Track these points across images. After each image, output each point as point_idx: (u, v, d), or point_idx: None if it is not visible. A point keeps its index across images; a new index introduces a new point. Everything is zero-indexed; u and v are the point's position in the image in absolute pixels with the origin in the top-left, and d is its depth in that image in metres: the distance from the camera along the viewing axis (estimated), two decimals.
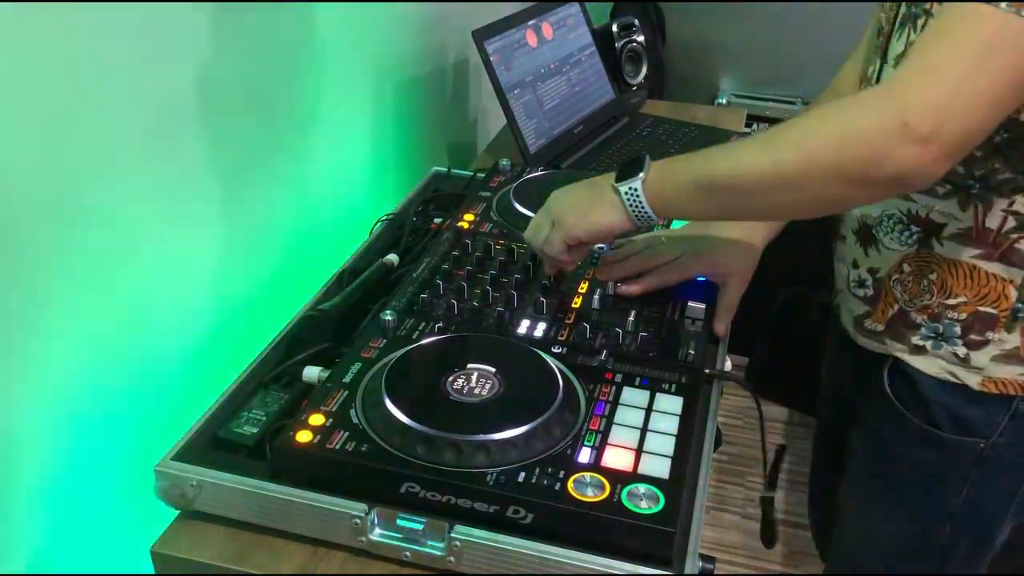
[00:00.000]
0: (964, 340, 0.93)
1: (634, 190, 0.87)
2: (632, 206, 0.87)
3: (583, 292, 1.01)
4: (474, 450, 0.76)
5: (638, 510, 0.72)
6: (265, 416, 0.86)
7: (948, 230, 0.91)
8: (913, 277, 0.95)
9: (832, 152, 0.75)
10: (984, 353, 0.93)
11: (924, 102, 0.71)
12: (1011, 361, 0.93)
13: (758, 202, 0.83)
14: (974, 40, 0.71)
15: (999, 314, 0.91)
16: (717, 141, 1.62)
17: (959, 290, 0.92)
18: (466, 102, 1.84)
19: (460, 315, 0.96)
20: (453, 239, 1.12)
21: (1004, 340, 0.92)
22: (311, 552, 0.78)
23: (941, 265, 0.92)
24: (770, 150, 0.80)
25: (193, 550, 0.77)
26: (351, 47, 1.32)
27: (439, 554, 0.75)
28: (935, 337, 0.95)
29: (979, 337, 0.93)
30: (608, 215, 0.89)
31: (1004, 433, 0.95)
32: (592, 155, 1.57)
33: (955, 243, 0.91)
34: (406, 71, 1.52)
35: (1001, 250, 0.89)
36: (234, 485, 0.78)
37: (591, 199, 0.91)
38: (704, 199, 0.85)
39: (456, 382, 0.84)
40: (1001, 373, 0.93)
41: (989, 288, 0.91)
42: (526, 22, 1.54)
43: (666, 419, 0.82)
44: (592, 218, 0.90)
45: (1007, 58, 0.71)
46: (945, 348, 0.95)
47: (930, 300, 0.94)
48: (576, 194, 0.94)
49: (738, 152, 0.83)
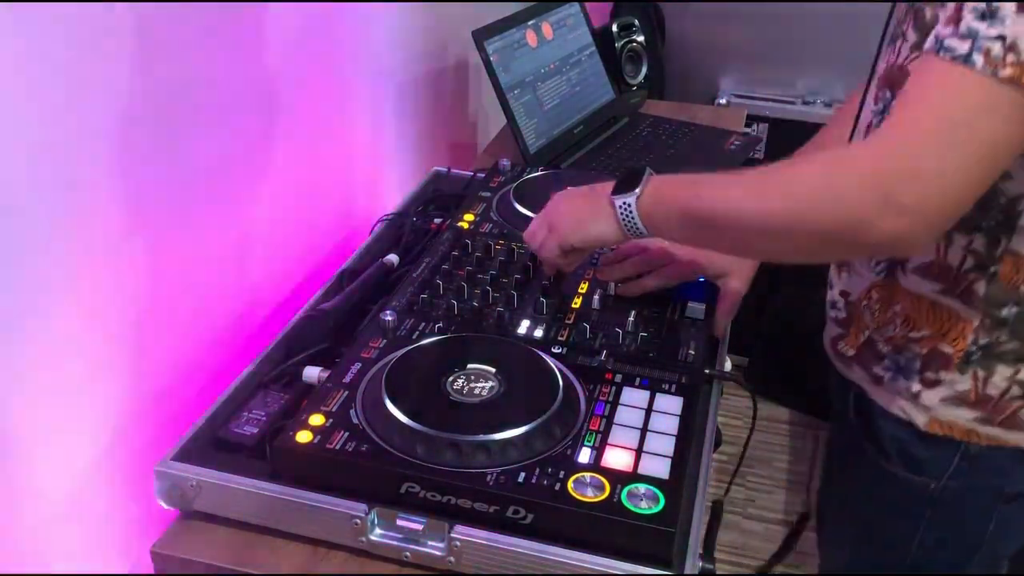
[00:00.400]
0: (920, 377, 0.90)
1: (628, 205, 0.86)
2: (625, 221, 0.87)
3: (583, 292, 1.01)
4: (474, 450, 0.76)
5: (638, 510, 0.72)
6: (265, 416, 0.86)
7: (912, 263, 0.88)
8: (880, 305, 0.92)
9: (816, 214, 0.74)
10: (935, 393, 0.90)
11: (906, 174, 0.69)
12: (960, 404, 0.89)
13: (740, 244, 0.85)
14: (954, 106, 0.69)
15: (954, 353, 0.87)
16: (717, 141, 1.64)
17: (922, 323, 0.89)
18: (466, 102, 1.84)
19: (460, 315, 0.96)
20: (453, 239, 1.12)
21: (955, 381, 0.88)
22: (311, 552, 0.78)
23: (905, 297, 0.90)
24: (758, 197, 0.78)
25: (193, 550, 0.78)
26: (351, 47, 1.32)
27: (439, 554, 0.75)
28: (895, 370, 0.92)
29: (933, 375, 0.89)
30: (601, 227, 0.89)
31: (956, 476, 0.92)
32: (592, 155, 1.57)
33: (918, 276, 0.88)
34: (406, 71, 1.52)
35: (960, 288, 0.86)
36: (234, 485, 0.78)
37: (587, 208, 0.91)
38: (691, 230, 0.85)
39: (456, 382, 0.84)
40: (948, 415, 0.90)
41: (950, 325, 0.87)
42: (526, 22, 1.54)
43: (666, 419, 0.82)
44: (586, 228, 0.91)
45: (989, 126, 0.68)
46: (901, 382, 0.92)
47: (894, 331, 0.91)
48: (574, 201, 0.94)
49: (729, 189, 0.81)
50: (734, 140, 1.66)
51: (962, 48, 0.68)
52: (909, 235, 0.71)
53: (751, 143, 1.69)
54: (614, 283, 1.01)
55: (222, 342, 1.08)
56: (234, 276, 1.11)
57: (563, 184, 1.22)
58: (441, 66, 1.68)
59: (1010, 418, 0.88)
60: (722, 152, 1.63)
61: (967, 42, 0.67)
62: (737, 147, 1.64)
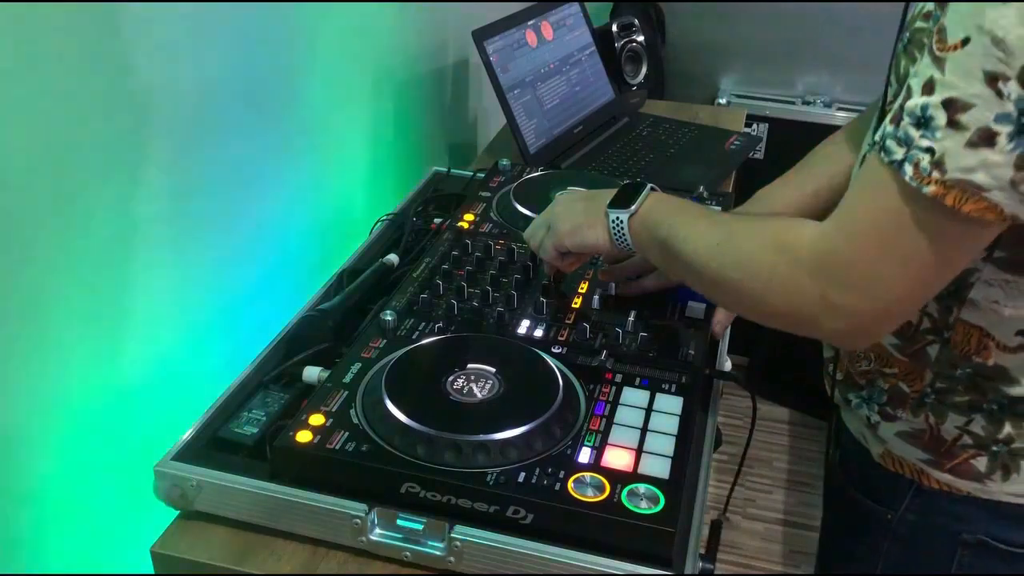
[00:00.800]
0: (880, 409, 0.90)
1: (620, 221, 0.87)
2: (616, 235, 0.88)
3: (583, 292, 1.01)
4: (474, 450, 0.76)
5: (638, 510, 0.72)
6: (265, 416, 0.86)
7: None
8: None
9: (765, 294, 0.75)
10: (892, 426, 0.89)
11: (839, 279, 0.69)
12: (913, 442, 0.88)
13: (705, 292, 0.86)
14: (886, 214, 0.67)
15: (910, 394, 0.87)
16: (717, 141, 1.64)
17: (894, 362, 0.88)
18: (466, 102, 1.84)
19: (460, 315, 0.96)
20: (453, 239, 1.12)
21: (910, 420, 0.88)
22: (311, 552, 0.78)
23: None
24: (719, 255, 0.79)
25: (193, 550, 0.77)
26: (351, 47, 1.32)
27: (439, 554, 0.75)
28: (863, 399, 0.92)
29: (891, 411, 0.89)
30: (595, 235, 0.90)
31: (912, 510, 0.91)
32: (592, 155, 1.57)
33: None
34: (406, 71, 1.52)
35: (915, 347, 0.85)
36: (234, 485, 0.78)
37: (585, 214, 0.91)
38: (667, 261, 0.86)
39: (456, 382, 0.84)
40: (901, 451, 0.89)
41: (911, 368, 0.86)
42: (526, 22, 1.54)
43: (666, 419, 0.82)
44: (581, 234, 0.91)
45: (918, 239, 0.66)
46: (864, 410, 0.92)
47: (868, 366, 0.90)
48: (575, 205, 0.94)
49: (699, 237, 0.81)
50: (734, 140, 1.66)
51: (898, 153, 0.66)
52: (848, 335, 0.73)
53: (751, 143, 1.69)
54: (614, 283, 1.01)
55: (222, 342, 1.08)
56: (234, 276, 1.11)
57: (563, 184, 1.23)
58: (441, 66, 1.68)
59: (962, 465, 0.86)
60: (722, 152, 1.62)
61: (903, 148, 0.65)
62: (737, 147, 1.64)
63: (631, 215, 0.87)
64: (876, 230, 0.68)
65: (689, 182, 1.34)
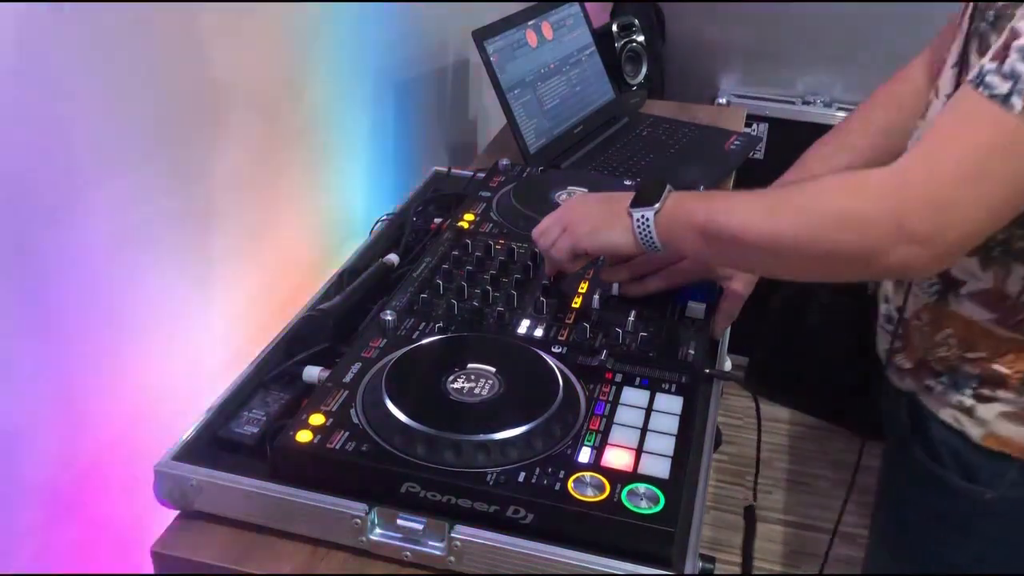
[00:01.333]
0: (975, 392, 0.89)
1: (646, 219, 0.87)
2: (641, 234, 0.88)
3: (583, 292, 1.01)
4: (474, 450, 0.76)
5: (638, 510, 0.72)
6: (265, 416, 0.86)
7: (966, 288, 0.87)
8: (929, 328, 0.92)
9: (829, 235, 0.74)
10: (991, 408, 0.88)
11: (924, 204, 0.70)
12: (1018, 421, 0.87)
13: (755, 262, 0.85)
14: (984, 143, 0.69)
15: (1011, 375, 0.86)
16: (717, 141, 1.64)
17: (978, 346, 0.88)
18: (466, 102, 1.84)
19: (460, 315, 0.96)
20: (453, 239, 1.12)
21: (1012, 400, 0.87)
22: (311, 552, 0.78)
23: (956, 321, 0.89)
24: (772, 216, 0.79)
25: (193, 550, 0.77)
26: (351, 47, 1.32)
27: (439, 554, 0.75)
28: (950, 385, 0.91)
29: (989, 392, 0.88)
30: (618, 236, 0.90)
31: (1016, 486, 0.89)
32: (592, 155, 1.57)
33: (972, 303, 0.87)
34: (406, 71, 1.52)
35: (1017, 318, 0.85)
36: (234, 485, 0.78)
37: (605, 216, 0.91)
38: (707, 247, 0.86)
39: (456, 382, 0.84)
40: (1006, 431, 0.88)
41: (1007, 348, 0.86)
42: (526, 22, 1.54)
43: (666, 419, 0.82)
44: (602, 235, 0.91)
45: (1016, 167, 0.68)
46: (955, 396, 0.91)
47: (947, 352, 0.90)
48: (592, 206, 0.94)
49: (744, 209, 0.82)
50: (734, 140, 1.66)
51: (1002, 87, 0.67)
52: (918, 264, 0.72)
53: (751, 143, 1.69)
54: (617, 284, 1.01)
55: (222, 342, 1.08)
56: (234, 275, 1.11)
57: (563, 184, 1.23)
58: (441, 66, 1.68)
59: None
60: (722, 152, 1.62)
61: (1008, 82, 0.67)
62: (737, 147, 1.64)
63: (657, 212, 0.86)
64: (968, 159, 0.69)
65: (689, 182, 1.34)
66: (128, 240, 0.89)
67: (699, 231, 0.85)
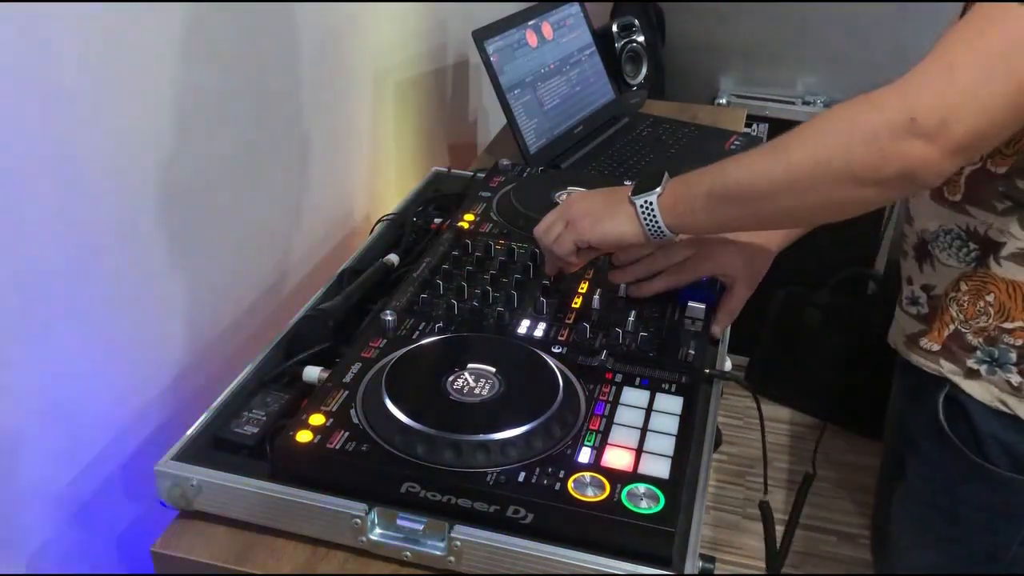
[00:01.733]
0: (1019, 368, 0.88)
1: (649, 204, 0.86)
2: (646, 219, 0.87)
3: (583, 292, 1.01)
4: (474, 450, 0.76)
5: (638, 510, 0.72)
6: (265, 416, 0.86)
7: (1006, 249, 0.87)
8: (970, 297, 0.91)
9: (840, 151, 0.74)
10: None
11: (934, 98, 0.70)
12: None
13: (771, 208, 0.82)
14: (997, 39, 0.69)
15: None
16: (717, 141, 1.64)
17: (1016, 314, 0.87)
18: (466, 102, 1.84)
19: (460, 315, 0.96)
20: (453, 239, 1.12)
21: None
22: (311, 552, 0.78)
23: (998, 286, 0.88)
24: (781, 155, 0.79)
25: (193, 550, 0.77)
26: (351, 47, 1.32)
27: (439, 554, 0.75)
28: (989, 362, 0.91)
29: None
30: (622, 226, 0.89)
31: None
32: (592, 155, 1.57)
33: (1013, 263, 0.87)
34: (406, 71, 1.52)
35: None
36: (234, 485, 0.78)
37: (607, 207, 0.91)
38: (718, 209, 0.84)
39: (456, 382, 0.84)
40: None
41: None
42: (526, 22, 1.54)
43: (666, 419, 0.82)
44: (606, 226, 0.90)
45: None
46: (999, 375, 0.90)
47: (987, 322, 0.89)
48: (594, 200, 0.94)
49: (750, 159, 0.82)
50: (734, 140, 1.66)
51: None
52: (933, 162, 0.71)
53: (751, 143, 1.68)
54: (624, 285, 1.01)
55: (222, 342, 1.08)
56: (234, 276, 1.11)
57: (563, 184, 1.23)
58: (441, 66, 1.68)
59: None
60: (722, 152, 1.62)
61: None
62: (737, 147, 1.64)
63: (659, 195, 0.86)
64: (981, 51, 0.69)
65: None
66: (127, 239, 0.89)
67: (707, 197, 0.84)
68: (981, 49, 0.69)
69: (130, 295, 0.91)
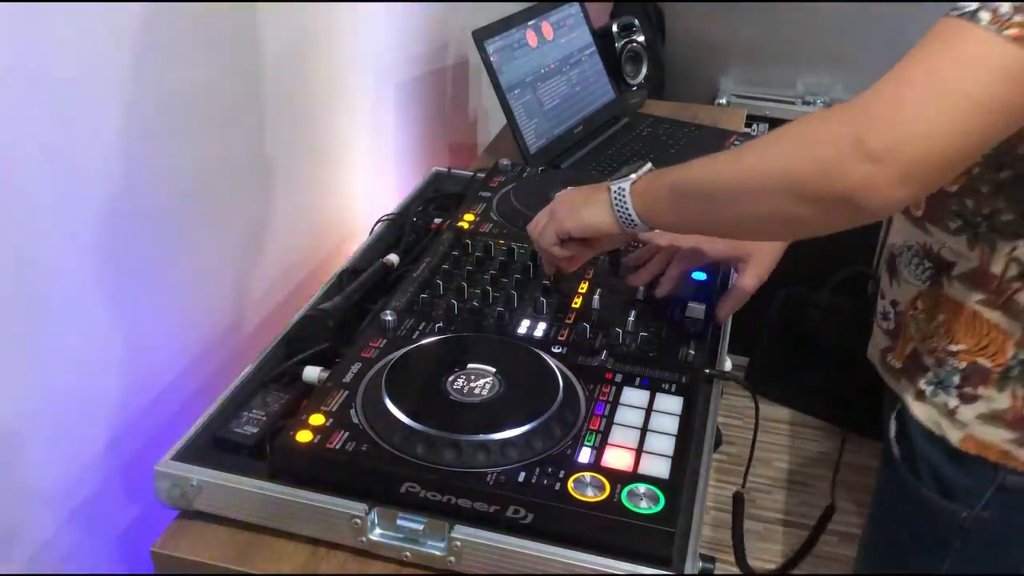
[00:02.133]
0: (959, 391, 0.88)
1: (621, 190, 0.86)
2: (618, 207, 0.86)
3: (583, 292, 1.01)
4: (474, 450, 0.76)
5: (638, 510, 0.72)
6: (265, 416, 0.86)
7: (957, 269, 0.86)
8: (925, 315, 0.90)
9: (786, 162, 0.73)
10: (971, 409, 0.87)
11: (883, 118, 0.67)
12: (996, 423, 0.86)
13: (723, 212, 0.81)
14: (949, 58, 0.67)
15: (992, 369, 0.85)
16: (717, 141, 1.64)
17: (960, 337, 0.87)
18: (466, 102, 1.84)
19: (460, 315, 0.96)
20: (453, 239, 1.12)
21: (993, 399, 0.86)
22: (311, 552, 0.78)
23: (948, 307, 0.88)
24: (737, 158, 0.78)
25: (193, 550, 0.77)
26: (351, 47, 1.32)
27: (439, 554, 0.75)
28: (936, 383, 0.90)
29: (971, 391, 0.87)
30: (596, 213, 0.89)
31: (990, 507, 0.88)
32: (592, 155, 1.57)
33: (962, 285, 0.86)
34: (406, 71, 1.52)
35: (1004, 298, 0.83)
36: (234, 485, 0.78)
37: (586, 196, 0.91)
38: (678, 204, 0.84)
39: (456, 382, 0.84)
40: (984, 434, 0.87)
41: (989, 339, 0.85)
42: (526, 22, 1.54)
43: (666, 419, 0.82)
44: (581, 214, 0.90)
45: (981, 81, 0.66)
46: (941, 396, 0.90)
47: (937, 343, 0.89)
48: (577, 192, 0.94)
49: (713, 159, 0.81)
50: (734, 140, 1.66)
51: (970, 6, 0.66)
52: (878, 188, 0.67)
53: None
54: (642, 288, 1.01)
55: (222, 342, 1.08)
56: (234, 276, 1.11)
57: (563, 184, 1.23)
58: (441, 66, 1.68)
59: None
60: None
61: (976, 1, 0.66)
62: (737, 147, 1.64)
63: (632, 183, 0.86)
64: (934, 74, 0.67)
65: None
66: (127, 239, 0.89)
67: (670, 190, 0.83)
68: (935, 72, 0.67)
69: (130, 295, 0.91)
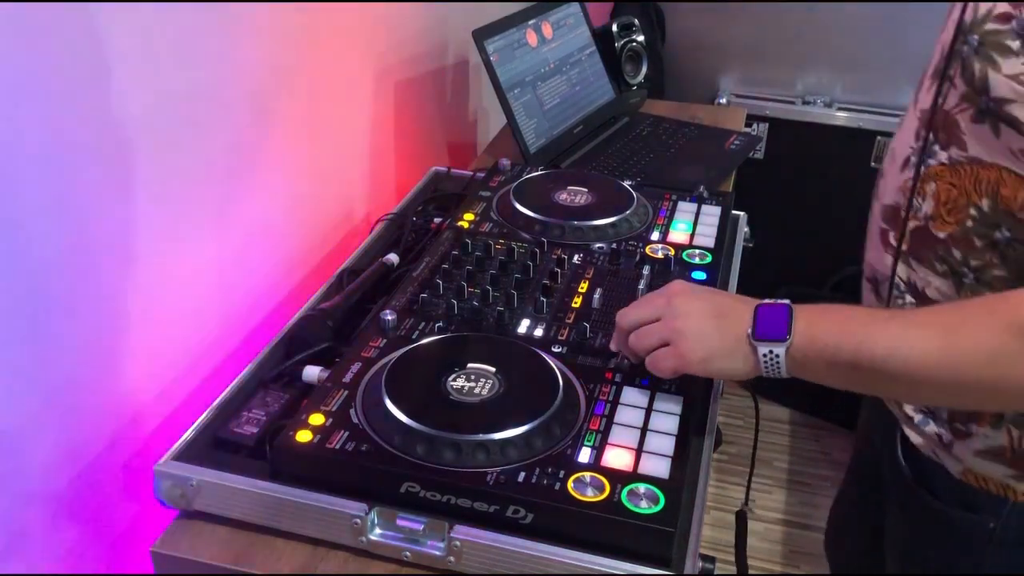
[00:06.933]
0: (950, 426, 0.87)
1: (775, 355, 0.77)
2: (768, 367, 0.78)
3: (583, 292, 1.01)
4: (474, 450, 0.76)
5: (638, 510, 0.72)
6: (265, 416, 0.86)
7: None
8: None
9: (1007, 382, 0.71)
10: (967, 446, 0.86)
11: None
12: (996, 459, 0.85)
13: (927, 397, 0.79)
14: None
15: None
16: (717, 141, 1.64)
17: None
18: (466, 102, 1.84)
19: (460, 315, 0.96)
20: (453, 239, 1.12)
21: (988, 436, 0.84)
22: (311, 552, 0.78)
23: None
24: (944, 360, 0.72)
25: (193, 550, 0.77)
26: (351, 47, 1.32)
27: (439, 554, 0.75)
28: (924, 412, 0.89)
29: (963, 427, 0.86)
30: (737, 368, 0.80)
31: (1014, 515, 0.87)
32: (592, 155, 1.57)
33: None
34: (406, 71, 1.52)
35: None
36: (234, 485, 0.78)
37: (721, 340, 0.80)
38: (859, 381, 0.77)
39: (456, 382, 0.84)
40: (983, 469, 0.86)
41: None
42: (526, 22, 1.54)
43: (666, 419, 0.82)
44: (720, 364, 0.80)
45: None
46: (931, 426, 0.89)
47: None
48: (705, 324, 0.81)
49: (909, 348, 0.73)
50: (734, 140, 1.66)
51: None
52: None
53: (751, 143, 1.69)
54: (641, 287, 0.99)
55: (222, 342, 1.08)
56: (234, 276, 1.11)
57: (563, 184, 1.23)
58: (441, 66, 1.68)
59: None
60: (722, 152, 1.63)
61: None
62: (737, 147, 1.64)
63: (787, 347, 0.77)
64: None
65: (689, 182, 1.34)
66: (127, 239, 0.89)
67: (845, 367, 0.75)
68: None
69: (129, 295, 0.91)
